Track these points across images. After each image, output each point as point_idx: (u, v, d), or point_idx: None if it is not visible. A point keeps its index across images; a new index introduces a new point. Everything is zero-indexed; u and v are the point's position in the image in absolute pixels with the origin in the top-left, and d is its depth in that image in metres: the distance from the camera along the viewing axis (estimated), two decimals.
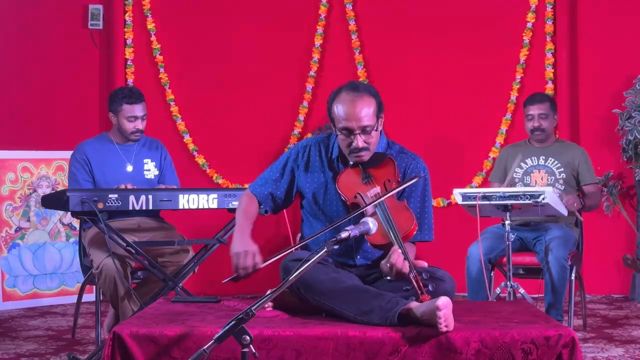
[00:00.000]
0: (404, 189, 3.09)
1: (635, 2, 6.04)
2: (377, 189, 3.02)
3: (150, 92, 5.86)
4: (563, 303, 4.43)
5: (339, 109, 3.03)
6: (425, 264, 2.83)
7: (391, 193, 2.98)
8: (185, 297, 3.58)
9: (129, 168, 4.45)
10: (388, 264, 2.78)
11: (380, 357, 2.58)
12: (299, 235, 3.48)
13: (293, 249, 2.98)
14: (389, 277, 2.82)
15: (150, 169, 4.51)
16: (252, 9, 6.36)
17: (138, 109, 4.40)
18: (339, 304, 2.80)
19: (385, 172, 3.08)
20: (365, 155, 3.07)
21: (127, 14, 6.29)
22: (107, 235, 3.78)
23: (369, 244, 3.03)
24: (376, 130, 3.06)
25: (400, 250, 2.78)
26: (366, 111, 3.00)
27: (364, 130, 3.01)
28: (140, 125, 4.42)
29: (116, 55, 6.30)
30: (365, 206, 2.94)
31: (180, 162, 5.23)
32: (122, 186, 4.15)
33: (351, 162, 3.11)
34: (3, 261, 5.72)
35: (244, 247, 3.00)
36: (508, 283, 4.25)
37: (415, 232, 2.96)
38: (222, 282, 3.00)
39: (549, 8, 6.09)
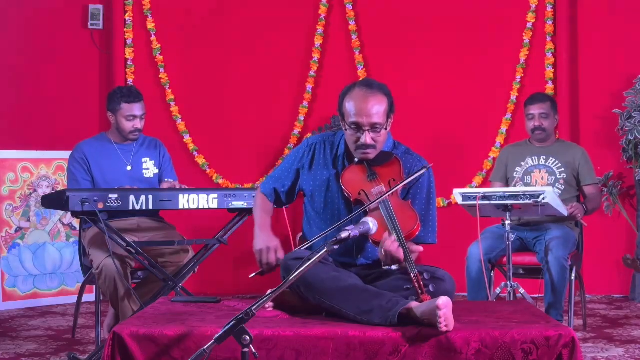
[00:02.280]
0: (409, 187, 3.11)
1: (635, 2, 6.04)
2: (382, 187, 3.03)
3: (150, 92, 5.87)
4: (563, 303, 4.43)
5: (350, 104, 3.04)
6: (421, 249, 2.89)
7: (395, 189, 2.98)
8: (185, 297, 3.58)
9: (128, 167, 4.45)
10: (383, 251, 2.82)
11: (380, 357, 2.58)
12: (300, 234, 3.48)
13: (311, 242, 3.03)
14: (386, 267, 2.85)
15: (150, 168, 4.51)
16: (252, 9, 6.35)
17: (137, 108, 4.40)
18: (339, 303, 2.81)
19: (390, 171, 3.09)
20: (372, 153, 3.08)
21: (127, 14, 6.29)
22: (107, 235, 3.78)
23: (370, 243, 3.03)
24: (385, 130, 3.08)
25: (393, 237, 2.81)
26: (377, 109, 3.03)
27: (373, 128, 3.03)
28: (138, 124, 4.42)
29: (116, 55, 6.29)
30: (369, 204, 2.95)
31: (180, 162, 5.23)
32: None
33: (356, 159, 3.12)
34: (3, 261, 5.71)
35: (265, 243, 3.08)
36: (508, 283, 4.24)
37: (418, 233, 2.97)
38: (250, 276, 3.07)
39: (549, 8, 6.09)
